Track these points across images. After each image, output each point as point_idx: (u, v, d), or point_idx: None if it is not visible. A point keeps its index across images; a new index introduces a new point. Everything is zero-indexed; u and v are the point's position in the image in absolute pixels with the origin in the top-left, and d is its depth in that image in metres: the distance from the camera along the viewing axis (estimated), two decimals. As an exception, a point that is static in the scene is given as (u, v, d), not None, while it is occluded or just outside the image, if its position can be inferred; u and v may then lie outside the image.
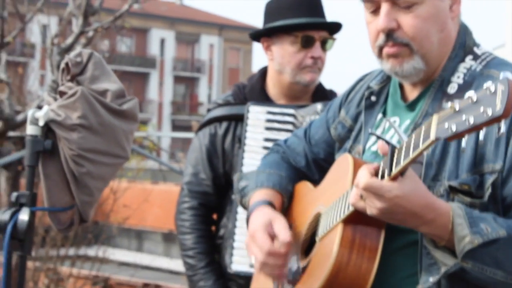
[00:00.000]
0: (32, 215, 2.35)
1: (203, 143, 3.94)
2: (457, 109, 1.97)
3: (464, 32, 2.55)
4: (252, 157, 3.74)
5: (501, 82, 1.90)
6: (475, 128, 1.93)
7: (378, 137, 2.30)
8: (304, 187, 2.85)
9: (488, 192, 2.30)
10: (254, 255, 2.64)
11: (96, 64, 2.48)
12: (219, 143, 3.91)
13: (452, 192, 2.33)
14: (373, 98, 2.68)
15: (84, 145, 2.38)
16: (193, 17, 65.72)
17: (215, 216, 4.01)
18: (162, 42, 64.31)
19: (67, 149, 2.38)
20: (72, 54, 2.50)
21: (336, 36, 3.85)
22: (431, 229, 2.23)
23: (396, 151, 2.19)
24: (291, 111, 3.79)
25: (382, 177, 2.22)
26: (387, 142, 2.23)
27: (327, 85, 3.99)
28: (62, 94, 2.46)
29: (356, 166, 2.43)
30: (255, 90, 3.91)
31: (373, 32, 2.50)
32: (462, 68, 2.48)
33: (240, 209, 3.77)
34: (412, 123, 2.49)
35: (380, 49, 2.49)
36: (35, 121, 2.40)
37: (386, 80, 2.69)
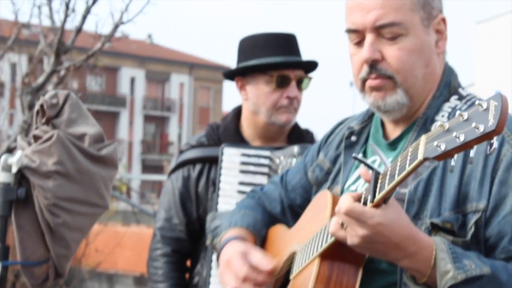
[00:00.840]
0: (4, 270, 2.25)
1: (176, 186, 3.86)
2: (446, 128, 1.92)
3: (449, 72, 2.52)
4: (227, 201, 3.68)
5: (493, 97, 1.86)
6: (466, 145, 1.88)
7: (361, 161, 2.23)
8: (278, 230, 2.77)
9: (471, 231, 2.26)
10: (227, 284, 2.52)
11: (73, 106, 2.39)
12: (193, 187, 3.84)
13: (433, 230, 2.28)
14: (353, 138, 2.63)
15: (60, 193, 2.28)
16: (163, 55, 65.79)
17: (188, 263, 3.92)
18: (132, 80, 64.23)
19: (42, 198, 2.28)
20: (47, 95, 2.41)
21: (312, 74, 3.82)
22: (413, 263, 2.17)
23: (380, 176, 2.14)
24: (266, 153, 3.73)
25: (365, 204, 2.15)
26: (371, 167, 2.17)
27: (303, 124, 3.95)
28: (36, 138, 2.37)
29: (335, 202, 2.32)
30: (229, 131, 3.84)
31: (357, 64, 2.45)
32: (447, 107, 2.44)
33: (215, 256, 3.68)
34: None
35: (363, 82, 2.45)
36: (7, 168, 2.30)
37: (367, 120, 2.64)
